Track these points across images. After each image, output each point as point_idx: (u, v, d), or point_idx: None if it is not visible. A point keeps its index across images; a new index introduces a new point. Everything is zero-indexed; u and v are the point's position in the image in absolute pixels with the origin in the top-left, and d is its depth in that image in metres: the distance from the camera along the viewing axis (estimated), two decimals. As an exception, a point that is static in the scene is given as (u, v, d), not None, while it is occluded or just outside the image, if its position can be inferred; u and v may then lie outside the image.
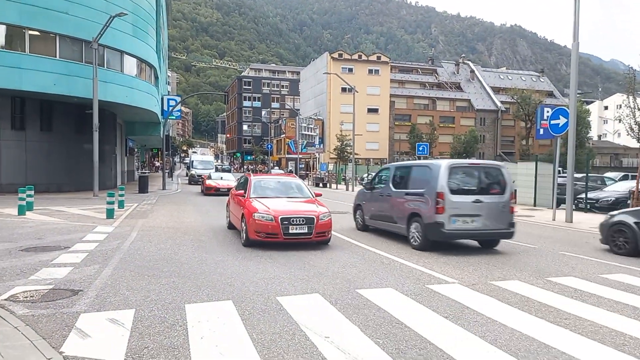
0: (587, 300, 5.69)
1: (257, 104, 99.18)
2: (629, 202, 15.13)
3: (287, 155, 70.21)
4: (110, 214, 13.02)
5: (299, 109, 74.02)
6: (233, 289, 5.85)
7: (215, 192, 23.35)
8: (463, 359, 3.84)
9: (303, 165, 59.06)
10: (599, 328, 4.67)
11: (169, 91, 62.64)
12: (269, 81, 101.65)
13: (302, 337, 4.26)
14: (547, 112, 16.89)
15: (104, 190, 18.98)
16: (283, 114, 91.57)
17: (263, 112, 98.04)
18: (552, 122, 15.72)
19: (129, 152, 39.82)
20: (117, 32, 22.82)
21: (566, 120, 15.16)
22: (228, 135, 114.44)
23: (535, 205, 20.01)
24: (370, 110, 63.56)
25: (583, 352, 4.02)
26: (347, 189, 33.97)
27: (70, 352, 3.77)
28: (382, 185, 10.98)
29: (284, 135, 73.59)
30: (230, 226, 11.23)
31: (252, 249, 8.77)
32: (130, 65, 25.21)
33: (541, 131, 17.54)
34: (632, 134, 12.67)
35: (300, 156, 55.51)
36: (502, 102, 70.27)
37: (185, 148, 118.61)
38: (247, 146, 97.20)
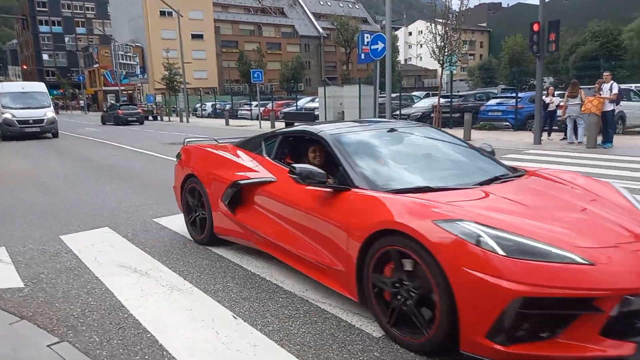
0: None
1: (58, 29, 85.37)
2: (432, 115, 18.15)
3: (104, 88, 63.49)
4: None
5: (111, 35, 66.24)
6: (103, 219, 5.86)
7: None
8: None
9: (125, 98, 54.29)
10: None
11: None
12: (70, 2, 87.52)
13: (193, 244, 4.70)
14: (367, 38, 18.67)
15: None
16: (92, 41, 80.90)
17: (67, 39, 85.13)
18: (373, 47, 17.51)
19: None
20: None
21: (384, 45, 17.07)
22: (24, 67, 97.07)
23: (360, 123, 22.42)
24: (194, 37, 60.43)
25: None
26: (181, 121, 32.91)
27: (-44, 290, 3.62)
28: None
29: (97, 65, 65.84)
30: None
31: (110, 184, 8.53)
32: None
33: (362, 56, 19.35)
34: (434, 57, 15.05)
35: (122, 88, 50.82)
36: (323, 28, 73.21)
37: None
38: (51, 79, 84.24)
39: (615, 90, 10.94)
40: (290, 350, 2.67)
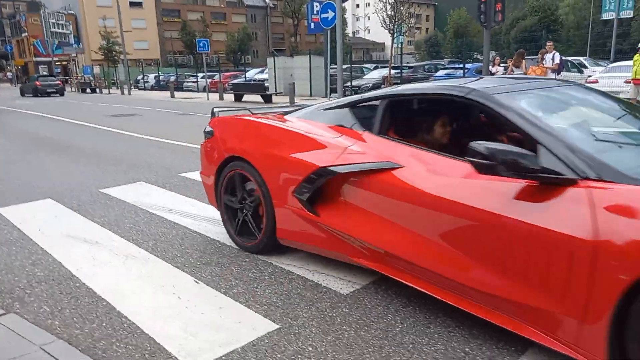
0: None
1: (-22, -7, 77.93)
2: (382, 85, 18.28)
3: (35, 59, 59.06)
4: None
5: (41, 1, 61.33)
6: (45, 190, 5.47)
7: None
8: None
9: (60, 70, 50.86)
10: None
11: None
12: (-9, -37, 79.92)
13: (146, 213, 4.50)
14: (317, 6, 18.38)
15: None
16: (19, 7, 74.66)
17: (-11, 5, 77.99)
18: (323, 15, 17.29)
19: None
20: None
21: (334, 13, 16.85)
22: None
23: (311, 95, 22.26)
24: (133, 4, 57.23)
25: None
26: (122, 93, 31.33)
27: None
28: None
29: (26, 34, 60.98)
30: None
31: (50, 156, 7.98)
32: None
33: (312, 25, 19.12)
34: (384, 26, 15.06)
35: (56, 59, 47.50)
36: (270, -2, 71.41)
37: None
38: (-27, 49, 77.32)
39: (557, 60, 11.40)
40: (257, 311, 2.61)
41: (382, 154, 2.69)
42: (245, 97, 21.32)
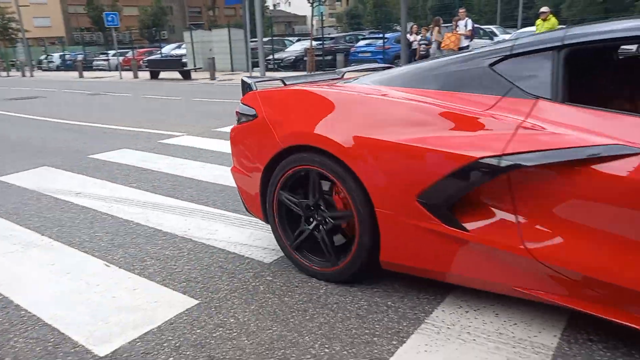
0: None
1: None
2: (305, 58, 18.09)
3: None
4: None
5: None
6: None
7: None
8: (210, 182, 4.54)
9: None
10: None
11: None
12: None
13: (49, 199, 4.11)
14: (233, -24, 17.70)
15: None
16: None
17: None
18: (239, -14, 16.66)
19: None
20: None
21: (250, -16, 16.30)
22: None
23: (232, 70, 21.59)
24: (29, -23, 51.76)
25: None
26: (23, 75, 28.61)
27: None
28: None
29: None
30: None
31: None
32: None
33: (229, -3, 18.42)
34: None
35: (-60, 39, 42.20)
36: (183, -30, 67.72)
37: None
38: None
39: (469, 26, 11.82)
40: (175, 289, 2.46)
41: (596, 132, 1.64)
42: (162, 75, 20.27)
